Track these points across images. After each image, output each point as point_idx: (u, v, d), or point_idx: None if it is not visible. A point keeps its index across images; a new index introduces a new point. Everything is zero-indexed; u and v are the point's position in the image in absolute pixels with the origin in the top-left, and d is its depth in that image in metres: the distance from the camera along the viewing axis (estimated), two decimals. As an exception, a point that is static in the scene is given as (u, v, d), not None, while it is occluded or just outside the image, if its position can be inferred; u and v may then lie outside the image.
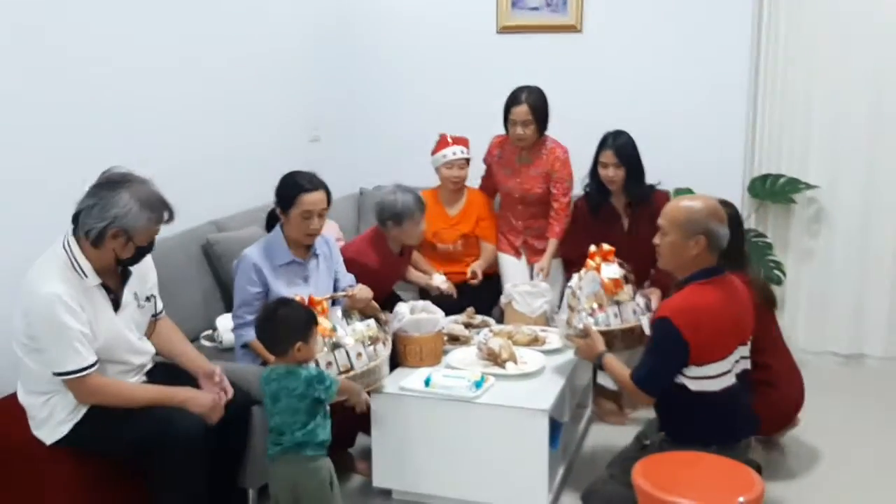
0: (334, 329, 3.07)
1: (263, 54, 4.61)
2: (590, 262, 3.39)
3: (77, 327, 2.58)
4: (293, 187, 3.35)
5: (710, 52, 4.84)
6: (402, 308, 3.48)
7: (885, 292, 4.71)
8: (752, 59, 4.81)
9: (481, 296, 4.20)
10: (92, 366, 2.62)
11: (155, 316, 3.01)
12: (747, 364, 2.94)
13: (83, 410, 2.70)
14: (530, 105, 4.20)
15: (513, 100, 4.24)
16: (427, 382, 3.18)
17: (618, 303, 3.30)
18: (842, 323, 4.79)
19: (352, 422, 3.51)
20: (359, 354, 3.05)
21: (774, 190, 4.72)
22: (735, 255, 3.15)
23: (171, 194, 2.74)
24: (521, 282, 4.19)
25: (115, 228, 2.63)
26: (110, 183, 2.66)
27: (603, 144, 4.03)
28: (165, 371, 2.95)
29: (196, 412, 2.73)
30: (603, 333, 3.16)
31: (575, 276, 3.39)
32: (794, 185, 4.66)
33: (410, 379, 3.24)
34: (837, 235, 4.76)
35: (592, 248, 3.45)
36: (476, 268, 4.38)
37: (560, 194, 4.28)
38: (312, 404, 2.71)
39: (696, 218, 2.82)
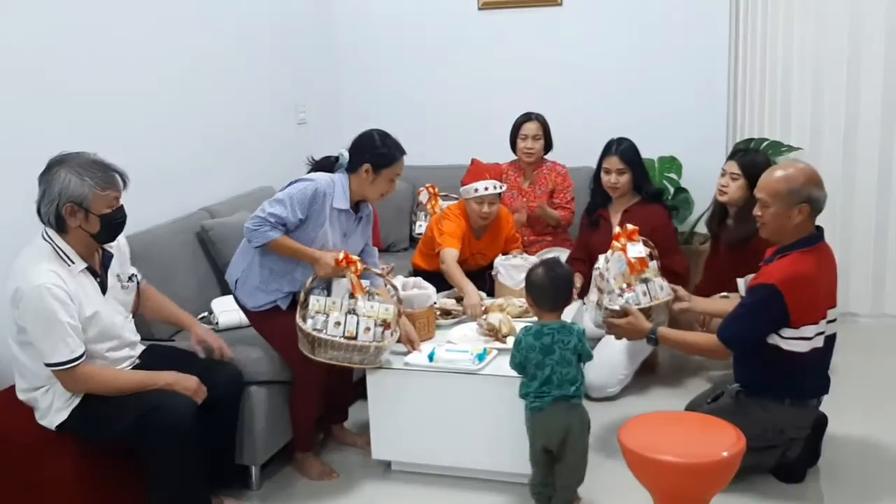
0: (367, 293, 3.19)
1: (247, 38, 4.66)
2: (615, 242, 3.43)
3: (66, 319, 2.64)
4: (396, 149, 3.33)
5: (690, 19, 4.90)
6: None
7: (869, 249, 4.80)
8: (731, 26, 4.87)
9: (473, 271, 4.27)
10: (80, 357, 2.68)
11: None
12: (835, 328, 3.10)
13: (78, 398, 2.78)
14: (539, 122, 4.54)
15: (525, 118, 4.58)
16: (431, 357, 3.26)
17: (645, 280, 3.37)
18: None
19: (345, 396, 3.61)
20: (367, 329, 3.13)
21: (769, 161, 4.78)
22: None
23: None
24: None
25: (66, 205, 2.67)
26: (49, 166, 2.72)
27: (607, 151, 4.09)
28: (154, 355, 3.04)
29: (182, 393, 2.81)
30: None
31: (601, 258, 3.45)
32: (777, 147, 4.72)
33: (414, 354, 3.31)
34: (821, 196, 4.83)
35: (617, 229, 3.51)
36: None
37: (564, 202, 4.55)
38: (578, 357, 2.93)
39: (796, 187, 2.93)
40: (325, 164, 3.41)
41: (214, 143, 4.35)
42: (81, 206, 2.69)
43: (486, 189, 3.98)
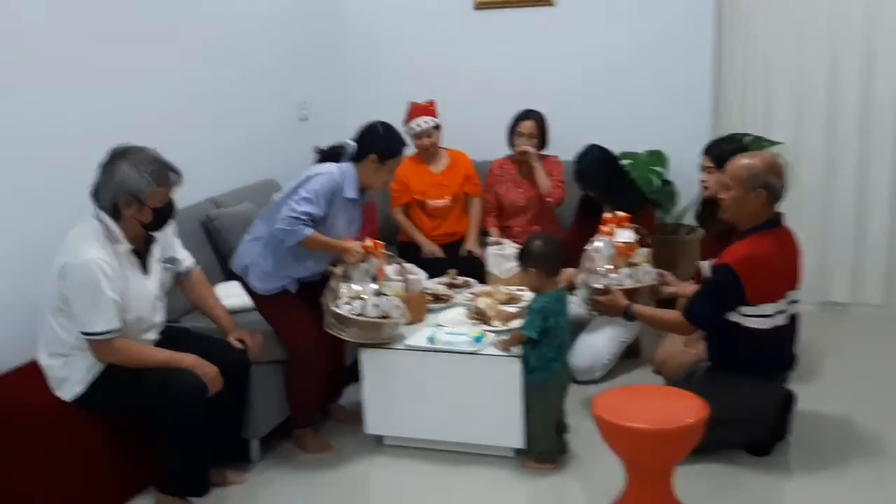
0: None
1: (252, 36, 4.84)
2: (604, 227, 3.66)
3: (110, 294, 2.86)
4: (400, 142, 3.57)
5: (675, 19, 5.06)
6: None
7: (849, 241, 4.97)
8: (715, 25, 5.04)
9: (463, 258, 4.57)
10: (117, 330, 2.90)
11: (182, 273, 3.34)
12: (797, 308, 3.33)
13: (97, 371, 2.98)
14: (535, 121, 4.71)
15: (522, 116, 4.75)
16: (431, 339, 3.46)
17: (631, 265, 3.59)
18: (809, 271, 5.04)
19: (339, 376, 3.80)
20: (396, 307, 3.42)
21: (741, 148, 4.95)
22: None
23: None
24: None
25: (123, 196, 2.91)
26: (111, 158, 2.95)
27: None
28: (175, 335, 3.24)
29: (200, 377, 3.02)
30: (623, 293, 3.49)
31: (591, 242, 3.67)
32: (759, 142, 4.88)
33: (414, 337, 3.51)
34: (803, 188, 5.00)
35: (607, 214, 3.71)
36: (471, 247, 4.70)
37: (556, 182, 4.70)
38: None
39: (755, 173, 3.15)
40: (333, 155, 3.57)
41: (221, 137, 4.54)
42: (137, 199, 2.92)
43: (419, 125, 4.68)
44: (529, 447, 3.35)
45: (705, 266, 3.53)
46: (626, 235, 3.58)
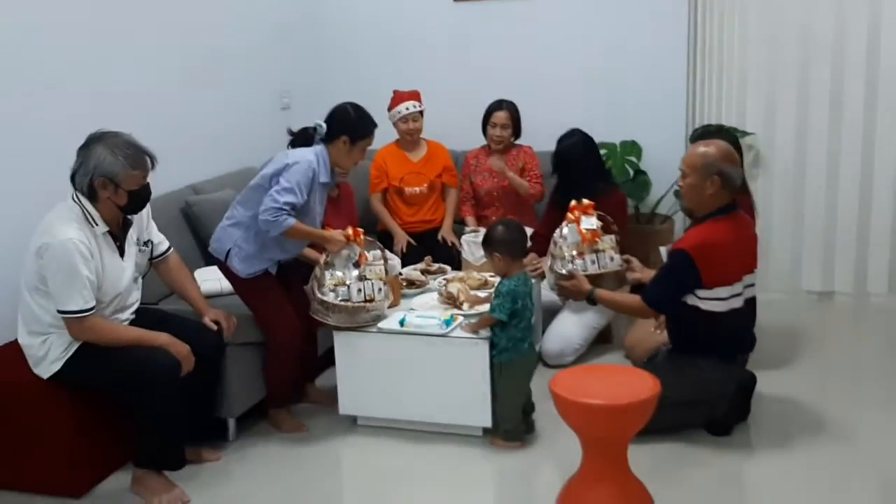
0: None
1: (235, 26, 4.94)
2: (570, 215, 3.80)
3: (86, 273, 2.95)
4: (370, 122, 3.63)
5: (651, 12, 5.18)
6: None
7: (820, 230, 5.06)
8: (689, 17, 5.15)
9: (439, 246, 4.68)
10: (91, 309, 2.99)
11: (159, 256, 3.43)
12: (754, 292, 3.44)
13: (74, 349, 3.07)
14: (509, 111, 4.81)
15: (495, 107, 4.85)
16: (402, 322, 3.56)
17: (596, 251, 3.73)
18: (782, 259, 5.16)
19: (312, 358, 3.89)
20: (378, 289, 3.53)
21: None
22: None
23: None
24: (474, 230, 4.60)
25: (99, 179, 3.00)
26: (88, 141, 3.04)
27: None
28: (144, 316, 3.33)
29: (174, 356, 3.11)
30: (587, 278, 3.63)
31: (558, 229, 3.81)
32: (732, 132, 4.98)
33: (387, 321, 3.60)
34: (775, 178, 5.11)
35: (573, 202, 3.84)
36: (446, 234, 4.80)
37: (534, 179, 4.80)
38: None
39: (710, 161, 3.24)
40: (304, 136, 3.68)
41: (202, 124, 4.64)
42: (112, 181, 3.01)
43: (408, 109, 4.77)
44: (496, 426, 3.45)
45: (663, 251, 3.64)
46: (590, 223, 3.71)
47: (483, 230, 4.41)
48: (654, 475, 2.96)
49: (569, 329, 4.22)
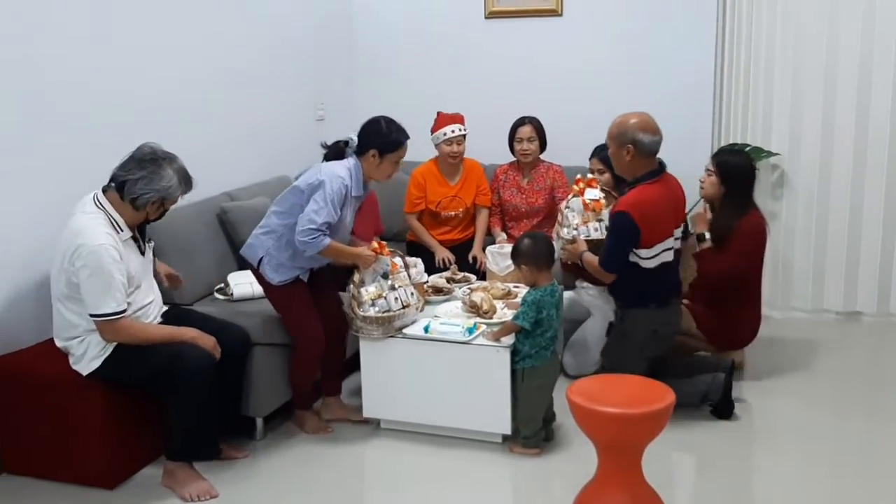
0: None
1: (273, 39, 5.09)
2: (574, 186, 4.09)
3: (119, 278, 3.08)
4: (401, 133, 3.67)
5: (679, 31, 5.26)
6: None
7: (842, 250, 5.10)
8: (717, 38, 5.22)
9: (465, 255, 4.80)
10: (124, 311, 3.12)
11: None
12: (679, 244, 3.79)
13: (111, 348, 3.20)
14: (533, 125, 4.91)
15: (519, 122, 4.96)
16: (426, 329, 3.66)
17: (599, 220, 4.00)
18: (805, 278, 5.20)
19: (340, 364, 3.98)
20: (412, 294, 3.71)
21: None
22: (745, 200, 4.05)
23: (189, 168, 3.27)
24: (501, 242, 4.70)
25: (156, 196, 3.16)
26: (155, 158, 3.17)
27: (593, 153, 4.56)
28: (175, 315, 3.46)
29: (201, 348, 3.24)
30: (589, 243, 3.91)
31: (564, 201, 4.11)
32: (758, 152, 5.05)
33: (411, 327, 3.70)
34: (799, 198, 5.16)
35: (578, 176, 4.12)
36: (477, 254, 4.86)
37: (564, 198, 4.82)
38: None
39: (623, 130, 3.57)
40: (337, 150, 3.75)
41: (239, 134, 4.79)
42: (164, 201, 3.21)
43: (454, 132, 4.79)
44: (516, 432, 3.54)
45: (605, 215, 3.96)
46: (594, 194, 4.01)
47: (509, 246, 4.52)
48: (667, 483, 3.03)
49: (590, 341, 4.30)
